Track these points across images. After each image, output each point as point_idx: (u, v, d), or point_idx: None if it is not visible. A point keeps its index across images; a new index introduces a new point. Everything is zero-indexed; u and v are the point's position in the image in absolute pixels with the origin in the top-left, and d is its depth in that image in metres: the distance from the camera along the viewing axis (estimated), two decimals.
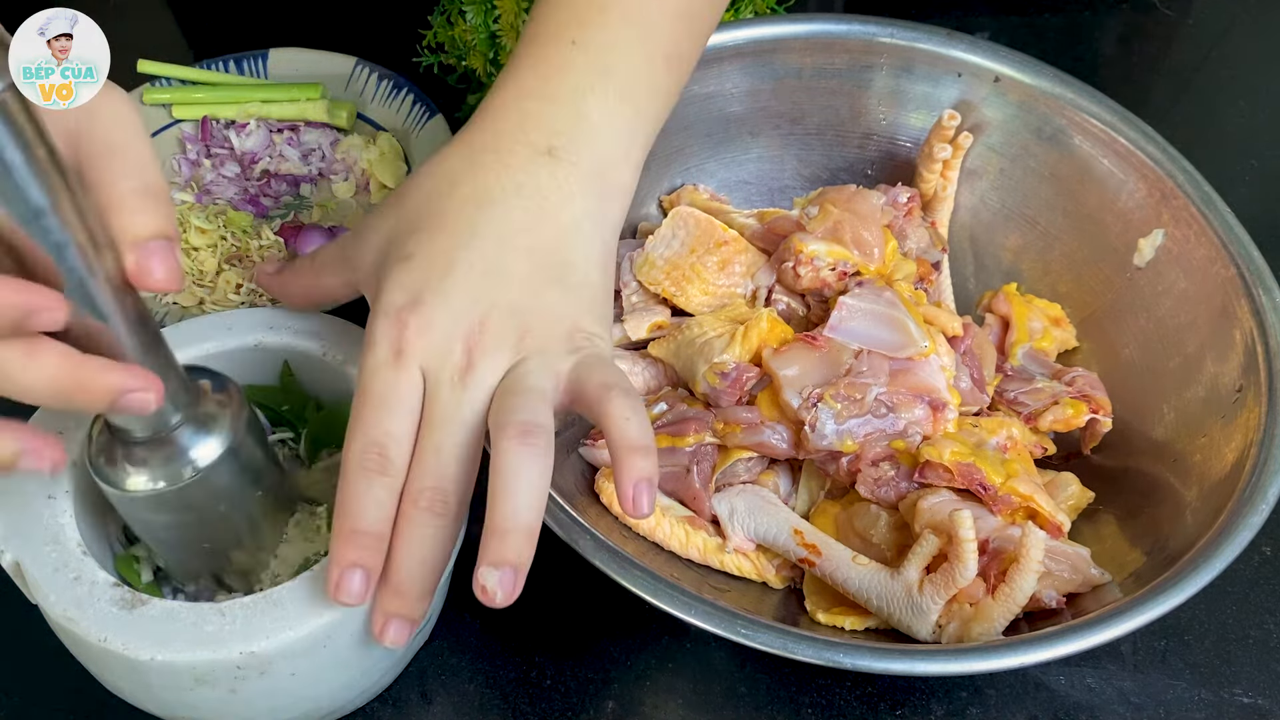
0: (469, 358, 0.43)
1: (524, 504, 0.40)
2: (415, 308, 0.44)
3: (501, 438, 0.41)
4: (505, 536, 0.40)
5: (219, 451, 0.42)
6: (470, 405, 0.43)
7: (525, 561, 0.40)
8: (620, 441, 0.41)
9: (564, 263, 0.46)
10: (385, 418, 0.43)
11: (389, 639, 0.43)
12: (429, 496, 0.42)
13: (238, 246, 0.63)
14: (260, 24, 0.82)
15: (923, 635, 0.49)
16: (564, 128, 0.47)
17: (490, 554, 0.40)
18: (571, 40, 0.48)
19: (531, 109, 0.47)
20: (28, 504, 0.44)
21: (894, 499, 0.52)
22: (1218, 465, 0.52)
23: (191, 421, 0.42)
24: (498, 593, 0.40)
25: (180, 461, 0.42)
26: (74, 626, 0.42)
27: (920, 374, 0.53)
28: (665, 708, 0.53)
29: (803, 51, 0.64)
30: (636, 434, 0.42)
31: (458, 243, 0.45)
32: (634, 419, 0.42)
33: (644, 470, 0.41)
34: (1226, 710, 0.54)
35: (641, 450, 0.41)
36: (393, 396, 0.43)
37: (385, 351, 0.43)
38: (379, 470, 0.42)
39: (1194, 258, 0.58)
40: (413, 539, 0.42)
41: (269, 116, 0.70)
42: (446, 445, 0.43)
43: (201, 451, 0.42)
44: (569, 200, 0.47)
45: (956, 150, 0.64)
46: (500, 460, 0.41)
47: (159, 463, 0.41)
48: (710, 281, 0.59)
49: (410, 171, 0.69)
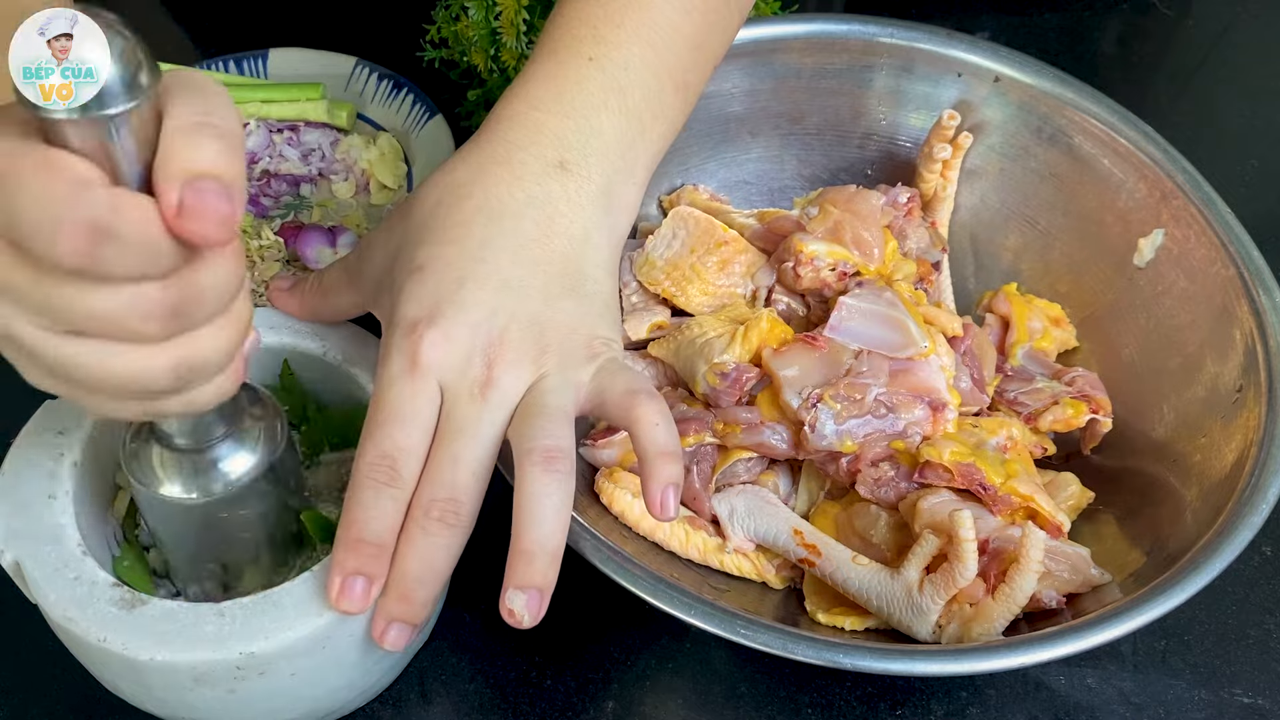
0: (489, 371, 0.43)
1: (549, 529, 0.41)
2: (432, 321, 0.43)
3: (527, 463, 0.42)
4: (532, 560, 0.41)
5: (254, 468, 0.43)
6: (491, 419, 0.43)
7: (550, 584, 0.41)
8: (650, 448, 0.43)
9: (577, 273, 0.46)
10: (398, 430, 0.43)
11: (389, 642, 0.43)
12: (442, 507, 0.42)
13: None
14: (260, 24, 0.82)
15: (923, 635, 0.49)
16: (576, 142, 0.47)
17: (516, 577, 0.41)
18: (589, 57, 0.48)
19: (545, 122, 0.47)
20: (28, 504, 0.44)
21: (894, 499, 0.52)
22: (1218, 465, 0.52)
23: (231, 436, 0.42)
24: (525, 616, 0.41)
25: (214, 475, 0.42)
26: (73, 626, 0.42)
27: (920, 374, 0.53)
28: (665, 708, 0.53)
29: (803, 51, 0.64)
30: (665, 439, 0.43)
31: (470, 254, 0.45)
32: (663, 424, 0.43)
33: (673, 475, 0.43)
34: (1226, 710, 0.54)
35: (671, 455, 0.43)
36: (407, 409, 0.43)
37: (402, 364, 0.43)
38: (388, 482, 0.42)
39: (1194, 258, 0.58)
40: (422, 547, 0.42)
41: (269, 117, 0.70)
42: (464, 457, 0.43)
43: (235, 466, 0.42)
44: (579, 212, 0.47)
45: (956, 150, 0.64)
46: (526, 485, 0.41)
47: (193, 472, 0.42)
48: (710, 281, 0.59)
49: (410, 172, 0.69)
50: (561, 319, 0.45)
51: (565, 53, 0.48)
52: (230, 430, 0.42)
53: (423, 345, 0.43)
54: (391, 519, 0.42)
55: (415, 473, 0.43)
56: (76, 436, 0.46)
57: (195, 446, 0.41)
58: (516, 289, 0.45)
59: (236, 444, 0.42)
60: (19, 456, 0.45)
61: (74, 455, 0.46)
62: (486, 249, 0.45)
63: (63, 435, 0.46)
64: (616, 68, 0.48)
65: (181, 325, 0.34)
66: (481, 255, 0.45)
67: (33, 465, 0.45)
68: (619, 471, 0.54)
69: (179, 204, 0.30)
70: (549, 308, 0.45)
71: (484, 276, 0.44)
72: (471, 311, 0.44)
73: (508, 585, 0.41)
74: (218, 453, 0.42)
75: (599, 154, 0.48)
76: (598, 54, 0.48)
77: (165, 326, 0.33)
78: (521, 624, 0.41)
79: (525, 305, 0.45)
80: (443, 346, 0.43)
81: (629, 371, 0.45)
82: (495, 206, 0.46)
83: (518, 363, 0.44)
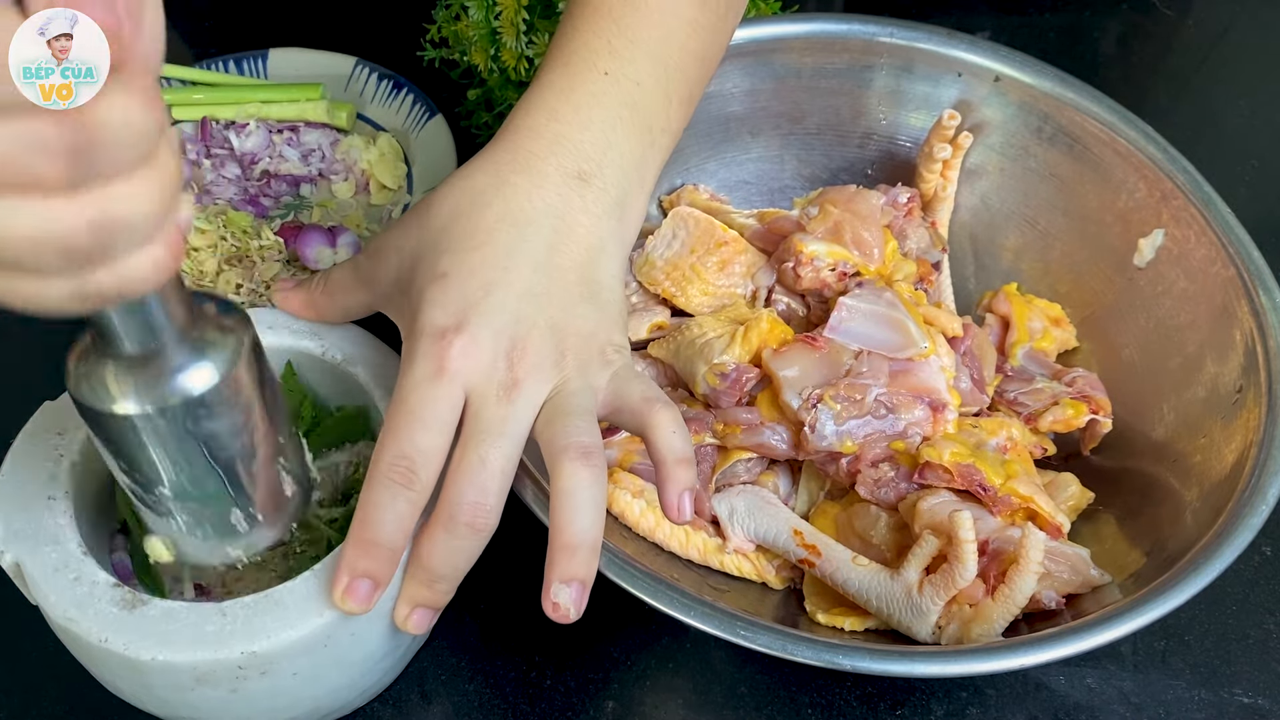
0: (514, 374, 0.44)
1: (588, 521, 0.43)
2: (460, 328, 0.44)
3: (564, 459, 0.43)
4: (575, 553, 0.42)
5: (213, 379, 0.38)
6: (517, 421, 0.44)
7: (591, 576, 0.43)
8: (667, 454, 0.44)
9: (594, 281, 0.47)
10: (419, 432, 0.43)
11: (413, 626, 0.45)
12: (470, 511, 0.43)
13: (238, 247, 0.63)
14: (260, 24, 0.82)
15: (922, 636, 0.49)
16: (595, 154, 0.48)
17: (560, 570, 0.42)
18: (604, 71, 0.49)
19: (564, 134, 0.48)
20: (27, 505, 0.44)
21: (894, 500, 0.52)
22: (1217, 466, 0.52)
23: (186, 342, 0.38)
24: (570, 609, 0.42)
25: (171, 385, 0.38)
26: (74, 627, 0.41)
27: (920, 375, 0.53)
28: (665, 708, 0.53)
29: (803, 51, 0.64)
30: (681, 446, 0.45)
31: (495, 262, 0.46)
32: (679, 431, 0.45)
33: (689, 481, 0.44)
34: (1226, 710, 0.54)
35: (686, 462, 0.44)
36: (430, 412, 0.43)
37: (428, 369, 0.44)
38: (405, 484, 0.43)
39: (1194, 258, 0.58)
40: (447, 548, 0.43)
41: (269, 117, 0.70)
42: (491, 458, 0.43)
43: (194, 377, 0.38)
44: (597, 223, 0.48)
45: (956, 150, 0.64)
46: (564, 481, 0.43)
47: (148, 384, 0.38)
48: (710, 282, 0.59)
49: (410, 172, 0.68)
50: (580, 325, 0.46)
51: (580, 65, 0.49)
52: (187, 336, 0.38)
53: (451, 351, 0.44)
54: (405, 522, 0.43)
55: (433, 477, 0.43)
56: (75, 437, 0.46)
57: (146, 350, 0.37)
58: (539, 296, 0.46)
59: (196, 352, 0.38)
60: (18, 458, 0.45)
61: (73, 456, 0.46)
62: (510, 257, 0.46)
63: (61, 436, 0.46)
64: (630, 82, 0.49)
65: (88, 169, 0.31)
66: (505, 263, 0.46)
67: (32, 466, 0.45)
68: (619, 472, 0.54)
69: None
70: (568, 315, 0.46)
71: (509, 284, 0.45)
72: (496, 319, 0.44)
73: (551, 580, 0.42)
74: (175, 361, 0.38)
75: (615, 166, 0.49)
76: (612, 68, 0.49)
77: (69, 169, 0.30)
78: (567, 618, 0.42)
79: (547, 312, 0.45)
80: (470, 353, 0.44)
81: (643, 378, 0.47)
82: (517, 215, 0.46)
83: (540, 367, 0.45)
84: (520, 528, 0.46)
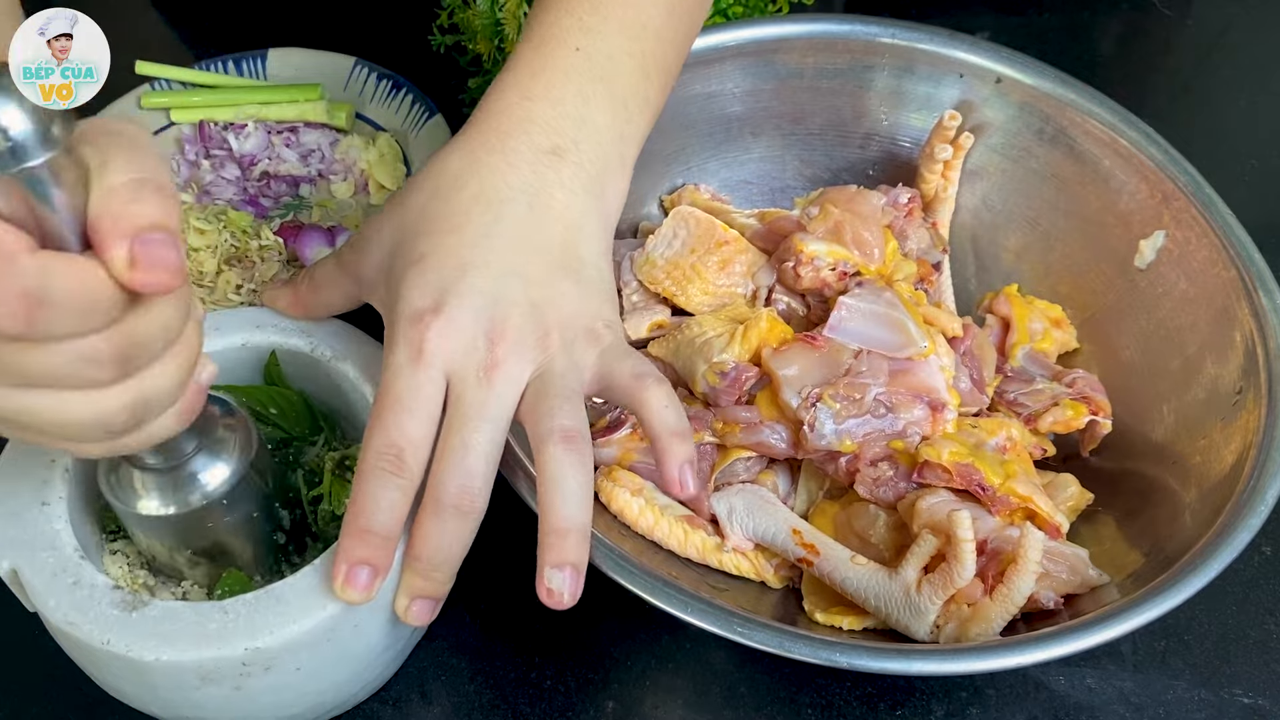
0: (494, 355, 0.44)
1: (575, 506, 0.43)
2: (437, 310, 0.44)
3: (547, 443, 0.43)
4: (565, 537, 0.42)
5: (230, 478, 0.43)
6: (499, 402, 0.44)
7: (584, 560, 0.43)
8: (661, 429, 0.44)
9: (576, 258, 0.47)
10: (406, 419, 0.43)
11: (414, 616, 0.45)
12: (456, 494, 0.43)
13: (237, 247, 0.63)
14: (259, 24, 0.82)
15: (920, 635, 0.49)
16: (568, 129, 0.48)
17: (551, 555, 0.42)
18: (576, 47, 0.49)
19: (536, 111, 0.48)
20: (22, 511, 0.44)
21: (892, 499, 0.52)
22: (1217, 467, 0.52)
23: (205, 449, 0.42)
24: (564, 593, 0.42)
25: (191, 487, 0.42)
26: (75, 631, 0.41)
27: (920, 374, 0.53)
28: (665, 708, 0.53)
29: (804, 52, 0.64)
30: (675, 420, 0.45)
31: (471, 243, 0.45)
32: (671, 405, 0.45)
33: (687, 453, 0.45)
34: (1226, 710, 0.54)
35: (682, 434, 0.45)
36: (414, 398, 0.43)
37: (408, 353, 0.44)
38: (395, 471, 0.43)
39: (1195, 259, 0.58)
40: (438, 535, 0.43)
41: (268, 118, 0.70)
42: (474, 441, 0.43)
43: (212, 478, 0.43)
44: (573, 199, 0.47)
45: (957, 151, 0.64)
46: (549, 466, 0.43)
47: (171, 487, 0.42)
48: (710, 281, 0.59)
49: (410, 173, 0.68)
50: (563, 303, 0.46)
51: (553, 43, 0.49)
52: (202, 444, 0.42)
53: (429, 334, 0.44)
54: (399, 509, 0.43)
55: (422, 462, 0.43)
56: None
57: (168, 465, 0.42)
58: (518, 275, 0.45)
59: (211, 456, 0.43)
60: (10, 464, 0.45)
61: (65, 461, 0.45)
62: (487, 237, 0.46)
63: None
64: (602, 57, 0.49)
65: (131, 368, 0.34)
66: (482, 244, 0.45)
67: (25, 473, 0.45)
68: (618, 470, 0.54)
69: (131, 258, 0.31)
70: (550, 293, 0.46)
71: (485, 264, 0.45)
72: (475, 299, 0.44)
73: (544, 565, 0.42)
74: (193, 467, 0.42)
75: (590, 142, 0.48)
76: (584, 44, 0.49)
77: (115, 372, 0.34)
78: (561, 603, 0.42)
79: (527, 291, 0.45)
80: (448, 335, 0.44)
81: (634, 355, 0.46)
82: (491, 195, 0.46)
83: (521, 346, 0.44)
84: (520, 528, 0.46)
